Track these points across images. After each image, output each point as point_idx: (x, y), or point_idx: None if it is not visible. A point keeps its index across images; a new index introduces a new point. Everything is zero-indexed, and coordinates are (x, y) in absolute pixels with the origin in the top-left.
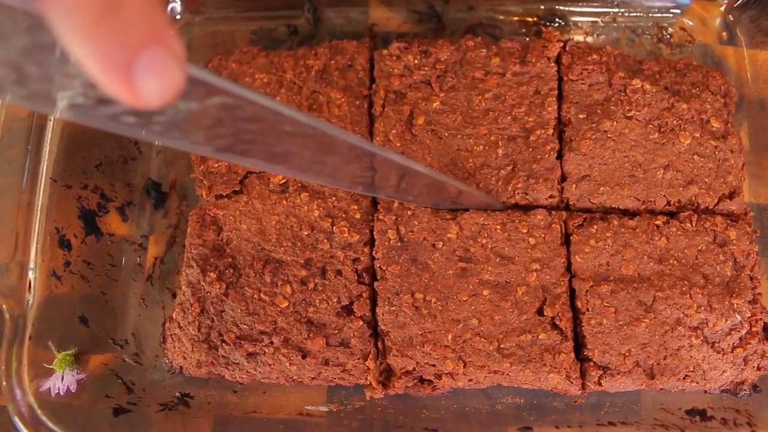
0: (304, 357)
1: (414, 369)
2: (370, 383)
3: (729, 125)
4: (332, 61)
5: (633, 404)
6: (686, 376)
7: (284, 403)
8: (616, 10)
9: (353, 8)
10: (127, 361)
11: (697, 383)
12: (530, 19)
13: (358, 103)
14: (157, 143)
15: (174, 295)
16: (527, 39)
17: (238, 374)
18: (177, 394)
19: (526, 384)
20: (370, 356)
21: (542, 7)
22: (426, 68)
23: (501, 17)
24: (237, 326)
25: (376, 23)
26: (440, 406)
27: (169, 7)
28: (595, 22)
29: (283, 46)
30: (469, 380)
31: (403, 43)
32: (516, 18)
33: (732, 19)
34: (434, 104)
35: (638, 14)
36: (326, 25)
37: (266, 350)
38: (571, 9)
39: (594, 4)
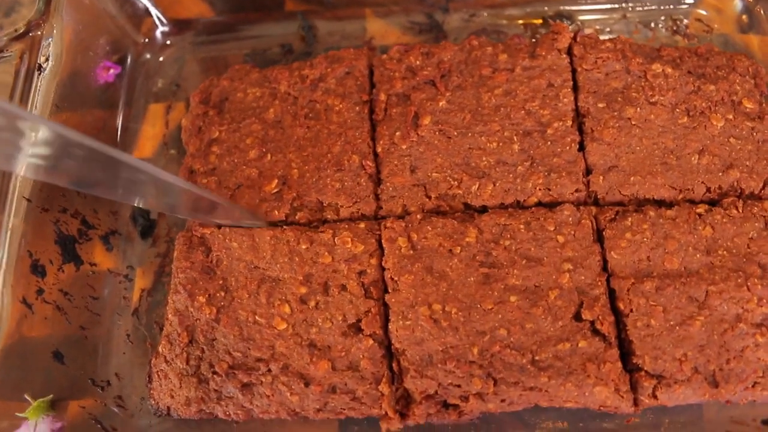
0: (307, 385)
1: (436, 392)
2: (386, 413)
3: (763, 105)
4: (329, 70)
5: (697, 420)
6: (756, 383)
7: None
8: (625, 5)
9: (349, 22)
10: (109, 405)
11: None
12: (536, 21)
13: (358, 108)
14: None
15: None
16: (534, 39)
17: (233, 410)
18: None
19: (568, 402)
20: (384, 380)
21: (547, 8)
22: (429, 68)
23: (505, 22)
24: (230, 354)
25: (373, 37)
26: None
27: (158, 32)
28: (605, 19)
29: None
30: (501, 401)
31: (403, 46)
32: (521, 21)
33: (755, 6)
34: (440, 103)
35: (649, 8)
36: (322, 42)
37: (263, 379)
38: (578, 8)
39: (601, 1)
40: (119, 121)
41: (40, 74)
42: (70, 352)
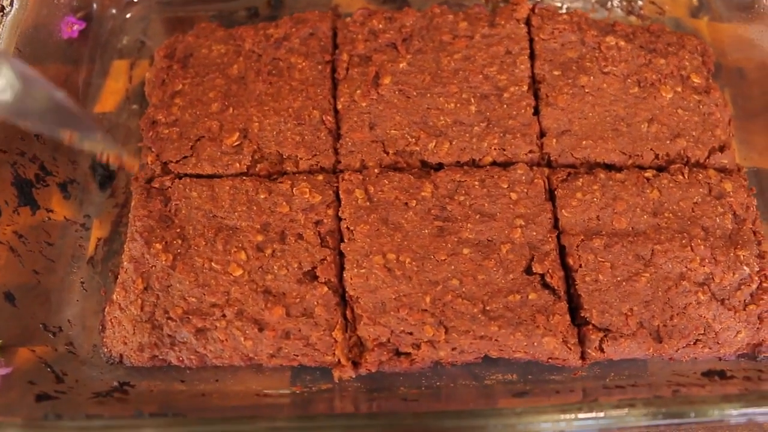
0: (261, 330)
1: (388, 340)
2: (338, 360)
3: (710, 81)
4: (293, 30)
5: (641, 374)
6: (697, 340)
7: (240, 390)
8: None
9: None
10: (60, 351)
11: (710, 348)
12: None
13: (320, 67)
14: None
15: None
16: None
17: (186, 355)
18: (115, 383)
19: (518, 352)
20: (338, 327)
21: None
22: (391, 32)
23: None
24: (185, 300)
25: (339, 5)
26: (420, 384)
27: None
28: None
29: None
30: (453, 349)
31: (367, 10)
32: None
33: None
34: (401, 65)
35: None
36: (288, 8)
37: (218, 324)
38: None
39: None
40: (82, 76)
41: (2, 16)
42: (21, 296)
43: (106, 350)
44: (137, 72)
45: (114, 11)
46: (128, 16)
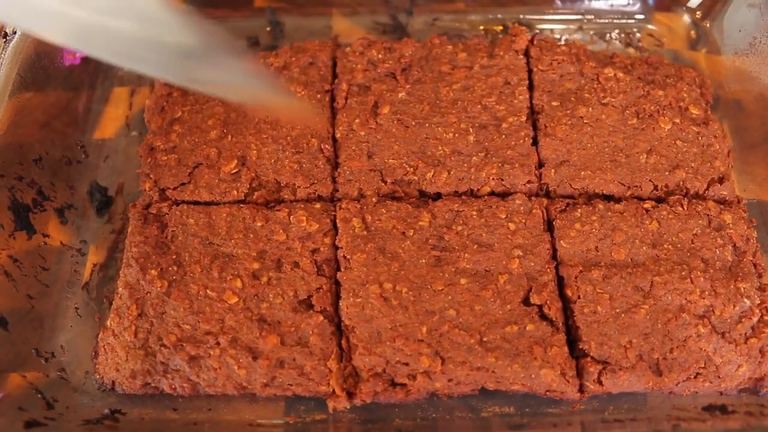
0: (255, 359)
1: (384, 370)
2: (333, 391)
3: (708, 113)
4: (293, 59)
5: (641, 407)
6: (698, 374)
7: (233, 420)
8: (581, 17)
9: (315, 20)
10: (52, 378)
11: (711, 382)
12: (496, 28)
13: (319, 96)
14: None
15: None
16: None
17: (179, 383)
18: (106, 411)
19: (515, 384)
20: (332, 357)
21: (507, 16)
22: (390, 62)
23: (466, 27)
24: (179, 327)
25: (339, 35)
26: (416, 416)
27: None
28: (562, 29)
29: None
30: (449, 380)
31: (366, 40)
32: (482, 27)
33: (701, 26)
34: (399, 95)
35: (604, 21)
36: (288, 38)
37: (211, 352)
38: (537, 17)
39: (560, 12)
40: (82, 102)
41: (6, 42)
42: (15, 321)
43: (98, 377)
44: (137, 99)
45: None
46: None
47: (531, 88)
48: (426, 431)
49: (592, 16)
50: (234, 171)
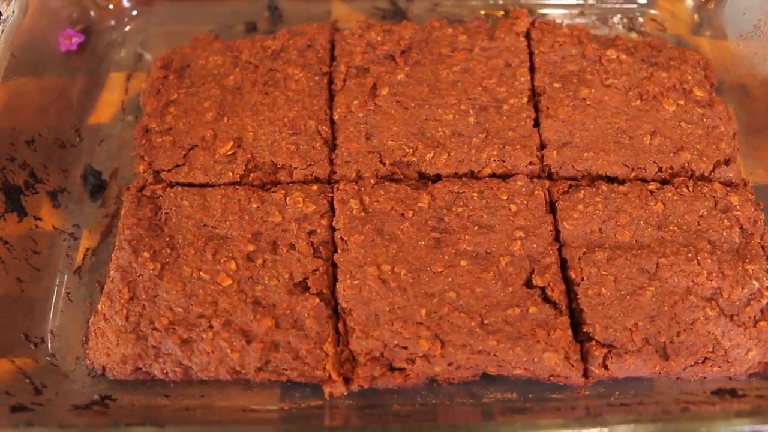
0: (248, 342)
1: (382, 354)
2: (329, 376)
3: (713, 95)
4: (291, 42)
5: (647, 392)
6: (706, 358)
7: (226, 406)
8: (583, 2)
9: (314, 4)
10: (42, 363)
11: (720, 367)
12: (497, 13)
13: (317, 78)
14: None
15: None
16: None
17: (170, 367)
18: (95, 397)
19: (517, 368)
20: (329, 340)
21: (508, 1)
22: (389, 44)
23: (467, 12)
24: (171, 310)
25: (338, 20)
26: (415, 402)
27: (124, 2)
28: (564, 14)
29: None
30: (449, 364)
31: (365, 22)
32: (483, 12)
33: (705, 9)
34: (399, 76)
35: (606, 5)
36: (286, 23)
37: (204, 336)
38: (538, 2)
39: None
40: (78, 88)
41: (1, 23)
42: (4, 305)
43: (88, 362)
44: (134, 84)
45: (113, 23)
46: (127, 29)
47: (532, 70)
48: (425, 417)
49: (594, 1)
50: (230, 153)
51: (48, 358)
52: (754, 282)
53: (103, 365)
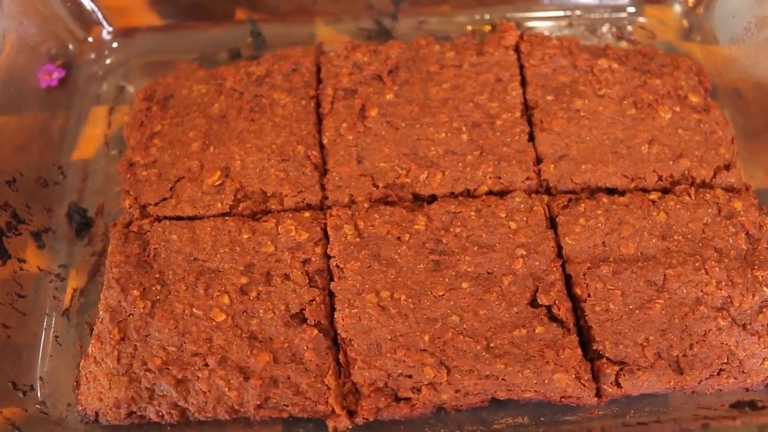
0: (246, 379)
1: (386, 384)
2: (332, 409)
3: (708, 100)
4: (275, 66)
5: (663, 409)
6: (721, 370)
7: None
8: (570, 13)
9: (298, 27)
10: (32, 412)
11: (735, 378)
12: (485, 28)
13: (304, 103)
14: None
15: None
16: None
17: (166, 409)
18: None
19: (527, 392)
20: (330, 372)
21: (495, 16)
22: (376, 64)
23: (453, 29)
24: (164, 349)
25: (322, 42)
26: (424, 430)
27: (104, 34)
28: (552, 26)
29: None
30: (456, 391)
31: (351, 43)
32: (469, 27)
33: (694, 14)
34: (387, 96)
35: (594, 16)
36: (270, 48)
37: (199, 374)
38: (525, 15)
39: (548, 8)
40: (59, 123)
41: None
42: None
43: (80, 408)
44: (116, 117)
45: (93, 56)
46: (108, 61)
47: (524, 83)
48: None
49: (581, 12)
50: (218, 183)
51: (38, 406)
52: (765, 289)
53: (96, 411)
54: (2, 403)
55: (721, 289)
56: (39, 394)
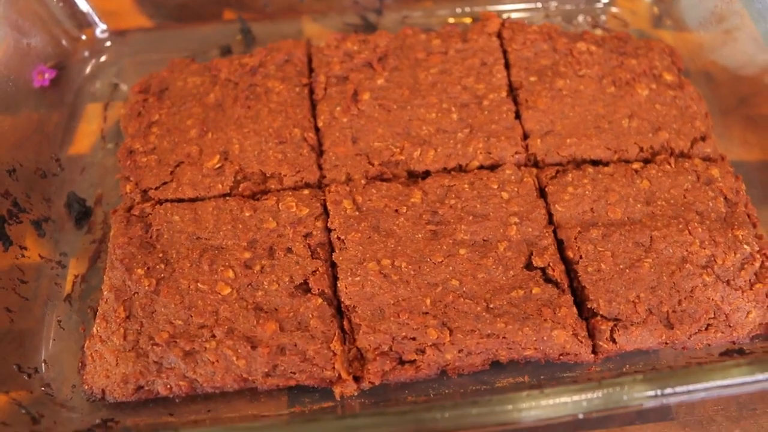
0: (254, 348)
1: (390, 348)
2: (339, 375)
3: (682, 78)
4: (268, 57)
5: (655, 363)
6: (708, 324)
7: (234, 417)
8: (546, 4)
9: (286, 24)
10: (37, 394)
11: (723, 332)
12: (466, 20)
13: (298, 90)
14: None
15: (96, 314)
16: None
17: (174, 381)
18: (97, 421)
19: (527, 349)
20: (335, 338)
21: (474, 9)
22: (366, 52)
23: (436, 22)
24: (170, 324)
25: (310, 38)
26: (428, 393)
27: (98, 33)
28: (529, 17)
29: None
30: (459, 351)
31: (340, 34)
32: (451, 20)
33: (664, 2)
34: (378, 81)
35: (569, 7)
36: (260, 44)
37: (207, 345)
38: (504, 7)
39: (525, 1)
40: (54, 121)
41: None
42: None
43: (86, 387)
44: (111, 113)
45: (87, 54)
46: (101, 59)
47: (507, 66)
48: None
49: (557, 3)
50: (217, 166)
51: (43, 388)
52: (746, 246)
53: (102, 388)
54: (8, 386)
55: (704, 248)
56: (44, 376)
